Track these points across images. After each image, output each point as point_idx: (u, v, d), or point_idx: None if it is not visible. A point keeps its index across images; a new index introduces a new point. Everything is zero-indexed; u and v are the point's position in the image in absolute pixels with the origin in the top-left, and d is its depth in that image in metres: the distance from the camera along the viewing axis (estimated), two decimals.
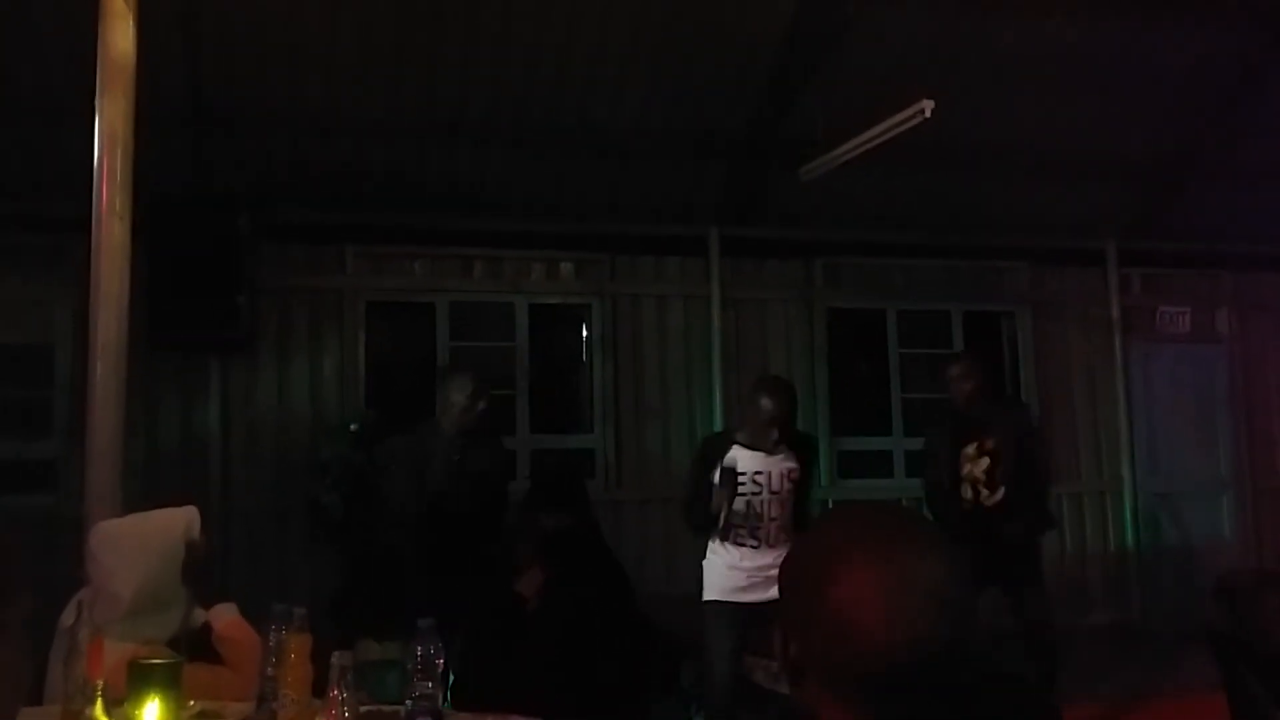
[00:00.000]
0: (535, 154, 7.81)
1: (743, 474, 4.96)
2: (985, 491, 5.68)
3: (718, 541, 5.07)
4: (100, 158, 4.59)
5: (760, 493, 5.00)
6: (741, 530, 5.01)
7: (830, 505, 7.88)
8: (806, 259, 8.67)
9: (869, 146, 6.81)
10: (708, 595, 5.11)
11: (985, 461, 5.66)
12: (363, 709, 2.34)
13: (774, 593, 4.76)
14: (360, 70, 7.09)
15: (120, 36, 4.62)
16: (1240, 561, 8.75)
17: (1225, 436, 9.32)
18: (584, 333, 8.45)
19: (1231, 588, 3.09)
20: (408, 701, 2.48)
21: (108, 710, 2.14)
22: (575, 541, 4.66)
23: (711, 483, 5.01)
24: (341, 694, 2.13)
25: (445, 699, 2.59)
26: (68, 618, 3.00)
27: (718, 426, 7.91)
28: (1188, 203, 8.86)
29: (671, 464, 8.14)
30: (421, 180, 7.72)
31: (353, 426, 7.10)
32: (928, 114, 6.21)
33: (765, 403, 4.99)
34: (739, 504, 4.95)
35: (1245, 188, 8.63)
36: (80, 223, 4.67)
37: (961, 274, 9.02)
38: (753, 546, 5.01)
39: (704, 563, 5.16)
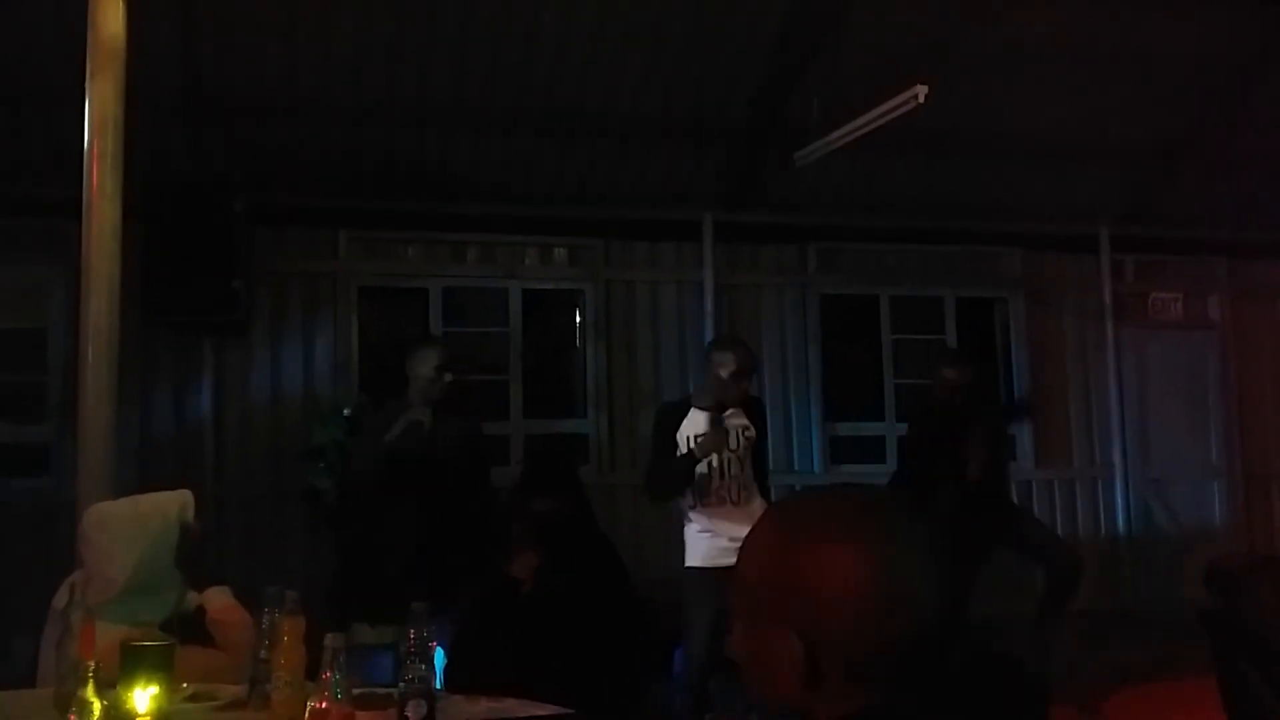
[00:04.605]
0: (530, 139, 7.78)
1: (701, 434, 5.06)
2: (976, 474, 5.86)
3: (695, 509, 5.18)
4: (91, 140, 4.58)
5: (721, 450, 5.09)
6: (710, 489, 5.11)
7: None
8: (800, 244, 8.67)
9: (863, 132, 6.80)
10: (689, 561, 5.22)
11: (983, 451, 5.82)
12: (355, 691, 2.34)
13: None
14: (356, 54, 7.06)
15: (111, 19, 4.61)
16: (1231, 548, 8.77)
17: (1217, 423, 9.34)
18: (577, 318, 8.44)
19: (1225, 572, 3.10)
20: (401, 684, 2.48)
21: (99, 692, 2.14)
22: (568, 524, 4.67)
23: (673, 448, 5.13)
24: (334, 676, 2.13)
25: (439, 682, 2.60)
26: (60, 600, 3.00)
27: None
28: (1182, 189, 8.85)
29: None
30: (416, 165, 7.69)
31: (346, 411, 7.08)
32: (921, 99, 6.20)
33: (727, 357, 5.11)
34: (701, 466, 5.05)
35: (1240, 174, 8.62)
36: (73, 206, 4.66)
37: (955, 260, 9.03)
38: (732, 504, 5.11)
39: (685, 531, 5.26)
